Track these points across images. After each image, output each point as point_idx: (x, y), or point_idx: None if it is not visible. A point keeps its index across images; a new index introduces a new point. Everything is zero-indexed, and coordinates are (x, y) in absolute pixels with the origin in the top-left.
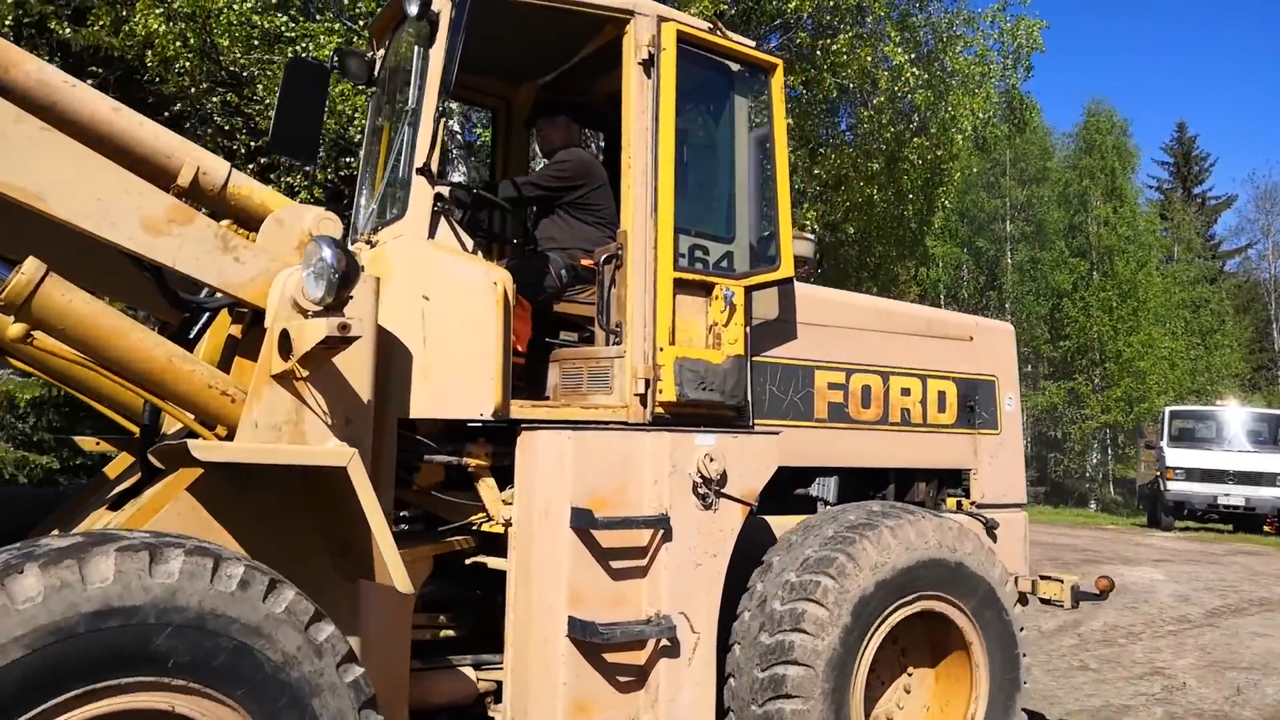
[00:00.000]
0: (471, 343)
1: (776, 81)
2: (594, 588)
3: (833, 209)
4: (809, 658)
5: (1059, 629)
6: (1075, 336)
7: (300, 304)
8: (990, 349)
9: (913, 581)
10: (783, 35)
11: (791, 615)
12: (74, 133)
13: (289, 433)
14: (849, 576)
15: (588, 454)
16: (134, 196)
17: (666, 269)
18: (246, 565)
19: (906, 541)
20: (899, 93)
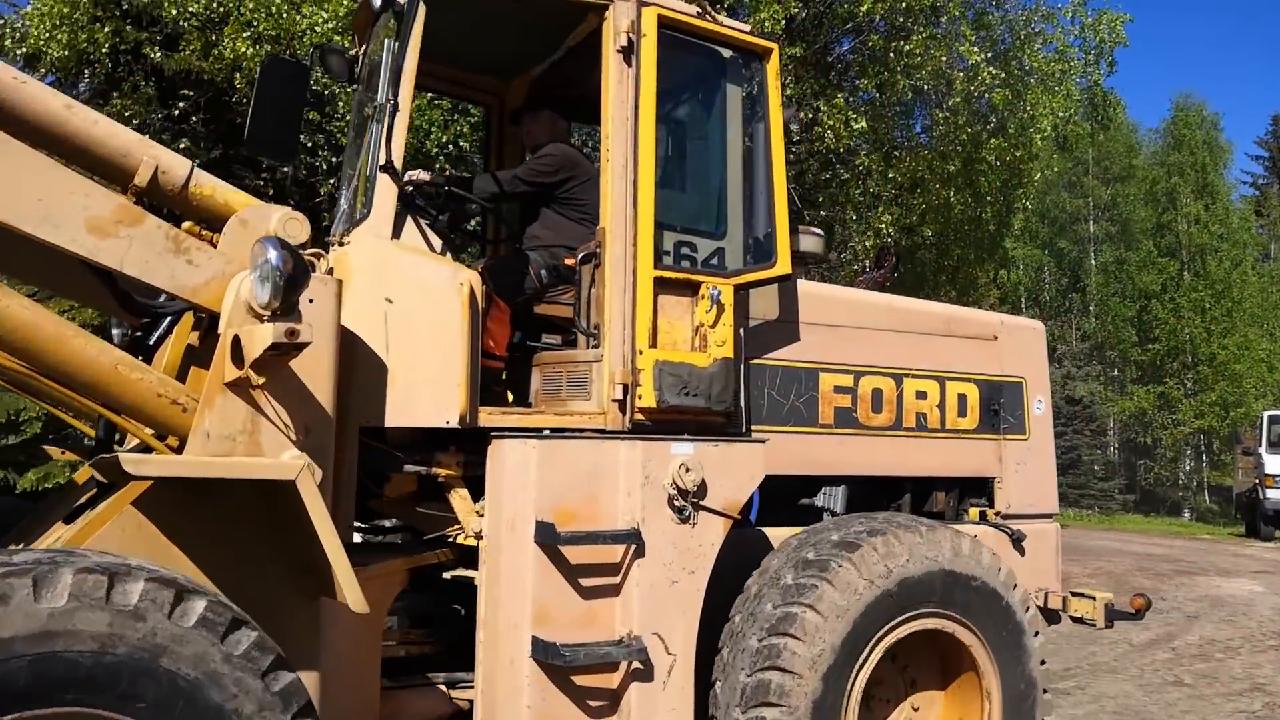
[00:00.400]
0: (436, 347)
1: (772, 67)
2: (561, 606)
3: (909, 212)
4: (789, 699)
5: (1151, 643)
6: (1165, 339)
7: (254, 308)
8: (1017, 349)
9: (907, 600)
10: (855, 39)
11: (769, 652)
12: (24, 131)
13: (244, 444)
14: (829, 605)
15: (554, 464)
16: (78, 197)
17: (646, 267)
18: (149, 579)
19: (896, 558)
20: (975, 93)
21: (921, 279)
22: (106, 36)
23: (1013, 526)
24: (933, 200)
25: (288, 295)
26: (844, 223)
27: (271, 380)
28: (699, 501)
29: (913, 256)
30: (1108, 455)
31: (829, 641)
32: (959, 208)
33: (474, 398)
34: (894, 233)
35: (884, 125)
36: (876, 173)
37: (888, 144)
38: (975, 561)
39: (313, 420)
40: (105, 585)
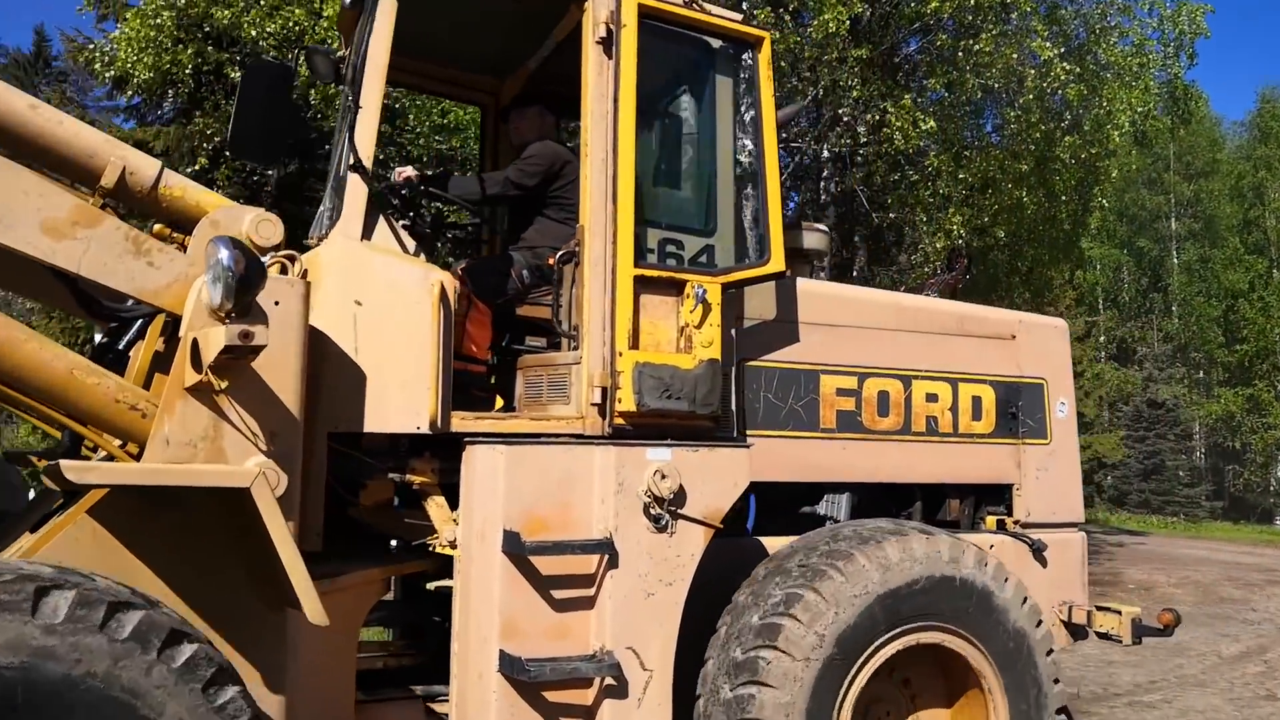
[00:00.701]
0: (407, 350)
1: (763, 57)
2: (531, 619)
3: (980, 213)
4: (774, 713)
5: (1241, 655)
6: (1254, 340)
7: (215, 311)
8: (1037, 348)
9: (899, 612)
10: (922, 39)
11: (751, 665)
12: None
13: (205, 450)
14: (814, 615)
15: (523, 470)
16: (33, 198)
17: (626, 265)
18: (82, 591)
19: (886, 568)
20: (1048, 89)
21: (994, 281)
22: (190, 58)
23: (1032, 536)
24: (1005, 200)
25: (240, 296)
26: (913, 224)
27: (235, 385)
28: (677, 510)
29: (985, 258)
30: (1193, 460)
31: (814, 653)
32: (1032, 208)
33: (446, 402)
34: (965, 234)
35: (953, 125)
36: (946, 173)
37: (957, 144)
38: (976, 572)
39: (279, 426)
40: (31, 598)
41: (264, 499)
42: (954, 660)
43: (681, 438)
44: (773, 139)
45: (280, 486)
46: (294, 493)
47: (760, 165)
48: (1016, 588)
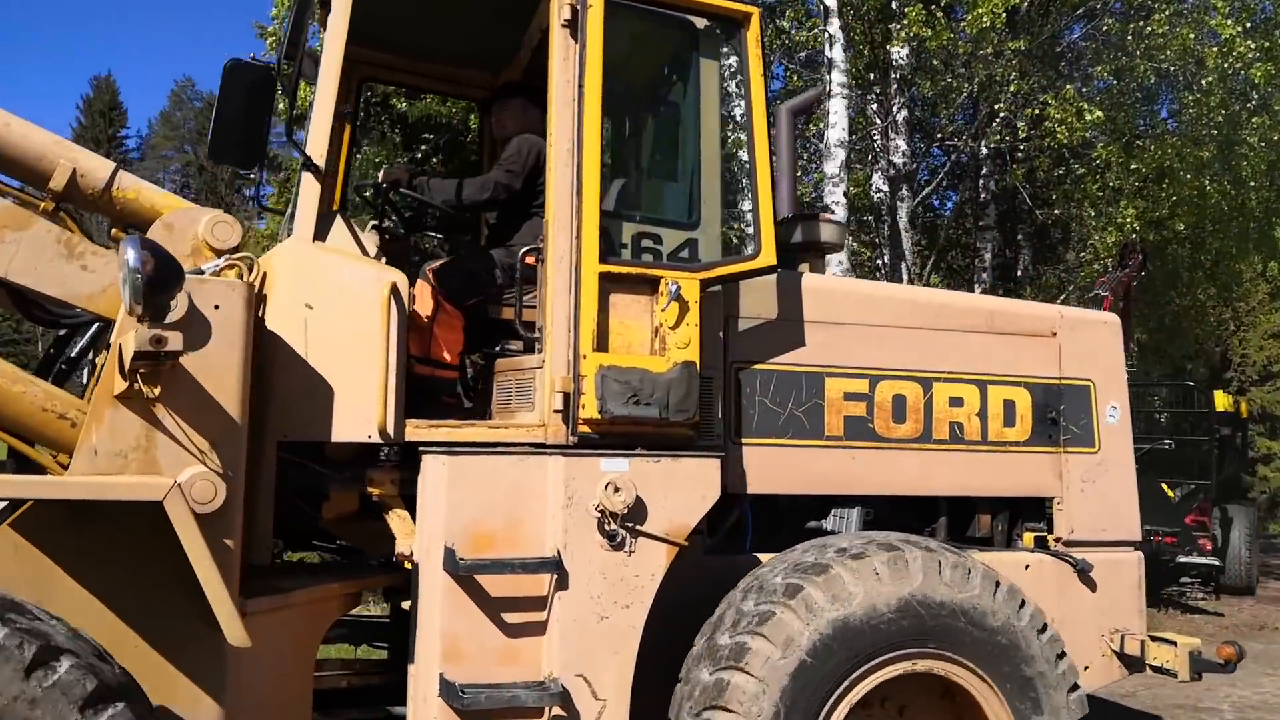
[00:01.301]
0: (358, 354)
1: (752, 35)
2: (477, 641)
3: (1156, 205)
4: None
5: None
6: None
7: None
8: (1082, 346)
9: (884, 636)
10: (1086, 25)
11: (717, 688)
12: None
13: (137, 461)
14: (785, 637)
15: (468, 483)
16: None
17: (591, 262)
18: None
19: (864, 586)
20: (1230, 70)
21: (1174, 276)
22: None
23: (1076, 556)
24: (1184, 190)
25: (150, 298)
26: (1080, 220)
27: (170, 392)
28: (635, 526)
29: (1162, 253)
30: None
31: (784, 676)
32: (1216, 196)
33: (396, 409)
34: (1139, 227)
35: (1123, 114)
36: (1117, 164)
37: (1128, 133)
38: (982, 596)
39: (219, 435)
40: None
41: (179, 514)
42: (959, 692)
43: (656, 447)
44: (763, 124)
45: (218, 499)
46: (234, 506)
47: (750, 152)
48: (1033, 615)
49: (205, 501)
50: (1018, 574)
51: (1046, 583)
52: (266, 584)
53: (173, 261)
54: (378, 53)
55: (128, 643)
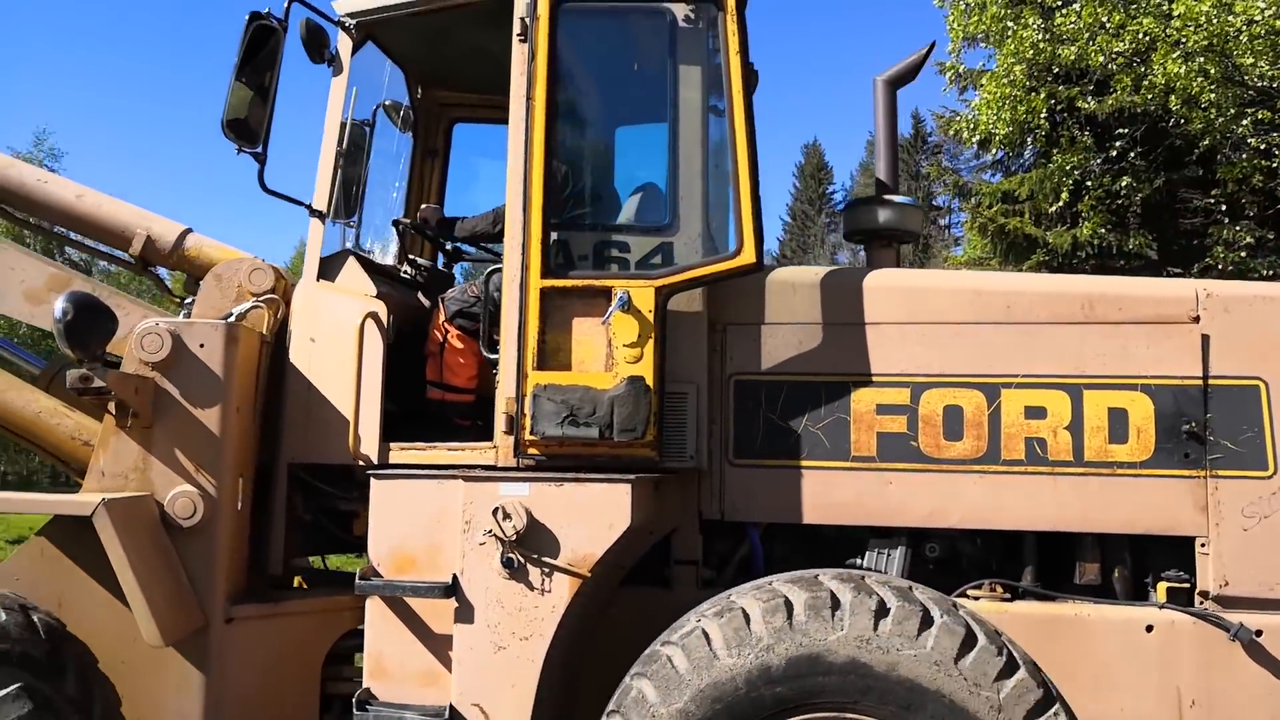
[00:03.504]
0: (345, 383)
1: (728, 15)
2: (397, 661)
3: None
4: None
5: None
6: None
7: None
8: (1245, 333)
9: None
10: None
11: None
12: (49, 216)
13: (135, 480)
14: (672, 680)
15: (392, 505)
16: (17, 272)
17: (534, 278)
18: None
19: (769, 634)
20: None
21: None
22: (1042, 102)
23: (1232, 619)
24: None
25: (71, 344)
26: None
27: (161, 421)
28: (533, 554)
29: None
30: None
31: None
32: None
33: (369, 434)
34: None
35: None
36: None
37: None
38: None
39: (203, 457)
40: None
41: (104, 528)
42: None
43: (610, 470)
44: (741, 110)
45: (197, 515)
46: (215, 521)
47: (730, 144)
48: (981, 662)
49: (186, 517)
50: (1134, 637)
51: (1182, 652)
52: (267, 593)
53: (95, 314)
54: (461, 93)
55: (128, 635)
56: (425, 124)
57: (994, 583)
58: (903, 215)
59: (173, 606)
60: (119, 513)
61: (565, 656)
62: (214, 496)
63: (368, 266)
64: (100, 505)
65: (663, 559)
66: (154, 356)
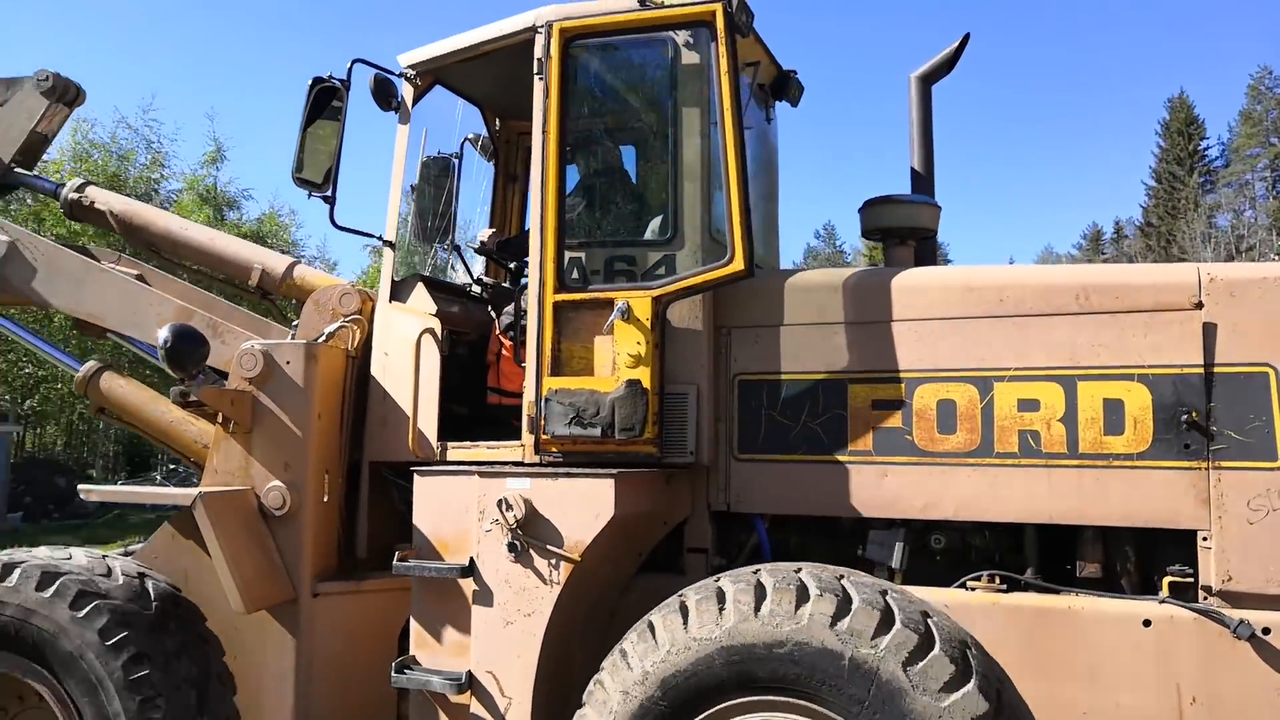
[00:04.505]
0: (408, 390)
1: (719, 34)
2: (435, 632)
3: None
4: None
5: None
6: None
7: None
8: (1252, 317)
9: (754, 674)
10: None
11: (589, 690)
12: (188, 255)
13: (239, 476)
14: (629, 674)
15: (429, 498)
16: (154, 306)
17: (548, 293)
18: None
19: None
20: None
21: None
22: None
23: (1232, 615)
24: None
25: (171, 365)
26: None
27: (259, 427)
28: (532, 540)
29: None
30: None
31: (634, 688)
32: None
33: (425, 434)
34: None
35: None
36: None
37: None
38: (802, 625)
39: (291, 457)
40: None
41: (200, 516)
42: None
43: (617, 465)
44: (732, 124)
45: (286, 506)
46: (303, 511)
47: (721, 156)
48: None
49: (277, 507)
50: (1131, 632)
51: (1181, 648)
52: (355, 574)
53: (192, 343)
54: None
55: None
56: (504, 152)
57: (993, 574)
58: (918, 213)
59: (262, 581)
60: (213, 503)
61: (568, 634)
62: (300, 490)
63: (438, 287)
64: (197, 497)
65: (679, 547)
66: (250, 373)
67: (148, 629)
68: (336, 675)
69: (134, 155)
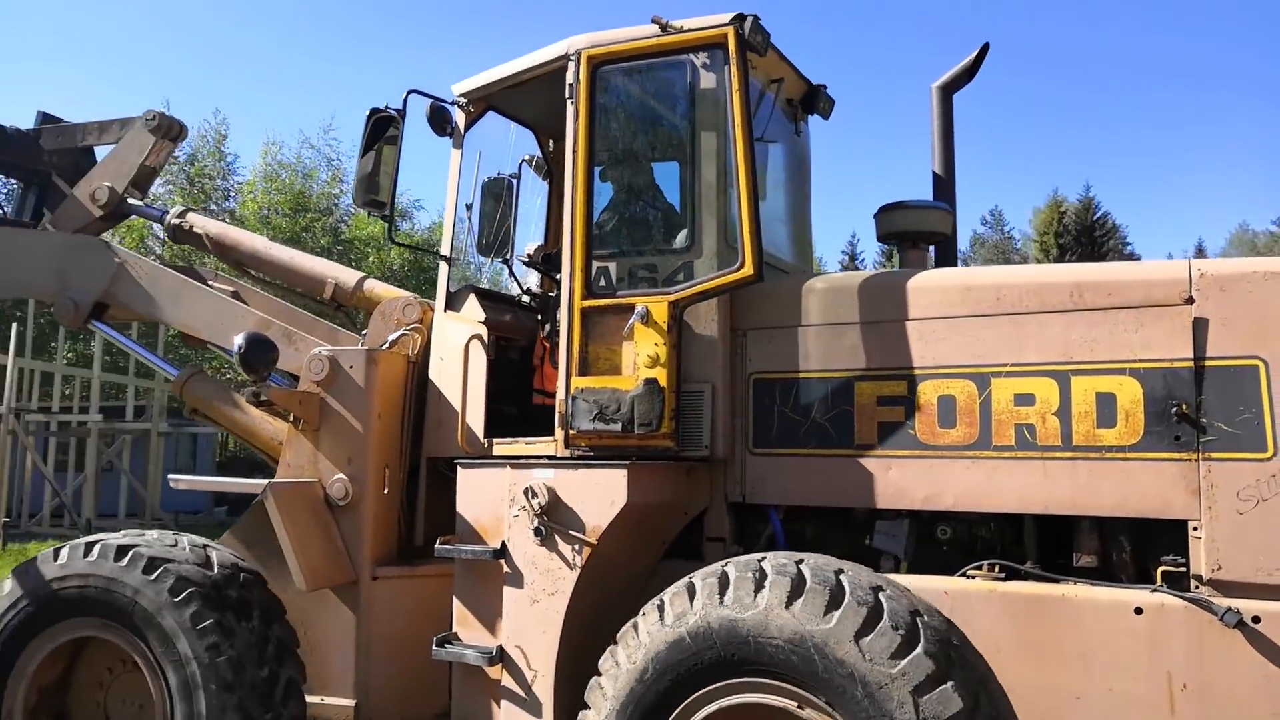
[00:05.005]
0: (456, 391)
1: (731, 52)
2: (475, 610)
3: None
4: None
5: None
6: None
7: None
8: (1244, 311)
9: (731, 659)
10: None
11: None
12: (274, 271)
13: (308, 470)
14: (633, 647)
15: (470, 488)
16: (239, 319)
17: (576, 300)
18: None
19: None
20: None
21: None
22: None
23: (1218, 602)
24: None
25: (244, 369)
26: None
27: (325, 425)
28: (555, 525)
29: None
30: None
31: (625, 687)
32: None
33: (473, 431)
34: None
35: None
36: None
37: None
38: (761, 610)
39: (354, 453)
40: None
41: (269, 504)
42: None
43: (635, 458)
44: (742, 140)
45: (349, 496)
46: (364, 501)
47: (732, 167)
48: (849, 618)
49: (340, 498)
50: (1122, 620)
51: (1172, 637)
52: (411, 560)
53: (263, 348)
54: None
55: None
56: (557, 171)
57: (994, 564)
58: (928, 217)
59: (325, 563)
60: (280, 493)
61: (590, 613)
62: (362, 482)
63: (490, 297)
64: (267, 487)
65: (702, 536)
66: (317, 376)
67: (211, 587)
68: (393, 651)
69: (316, 173)
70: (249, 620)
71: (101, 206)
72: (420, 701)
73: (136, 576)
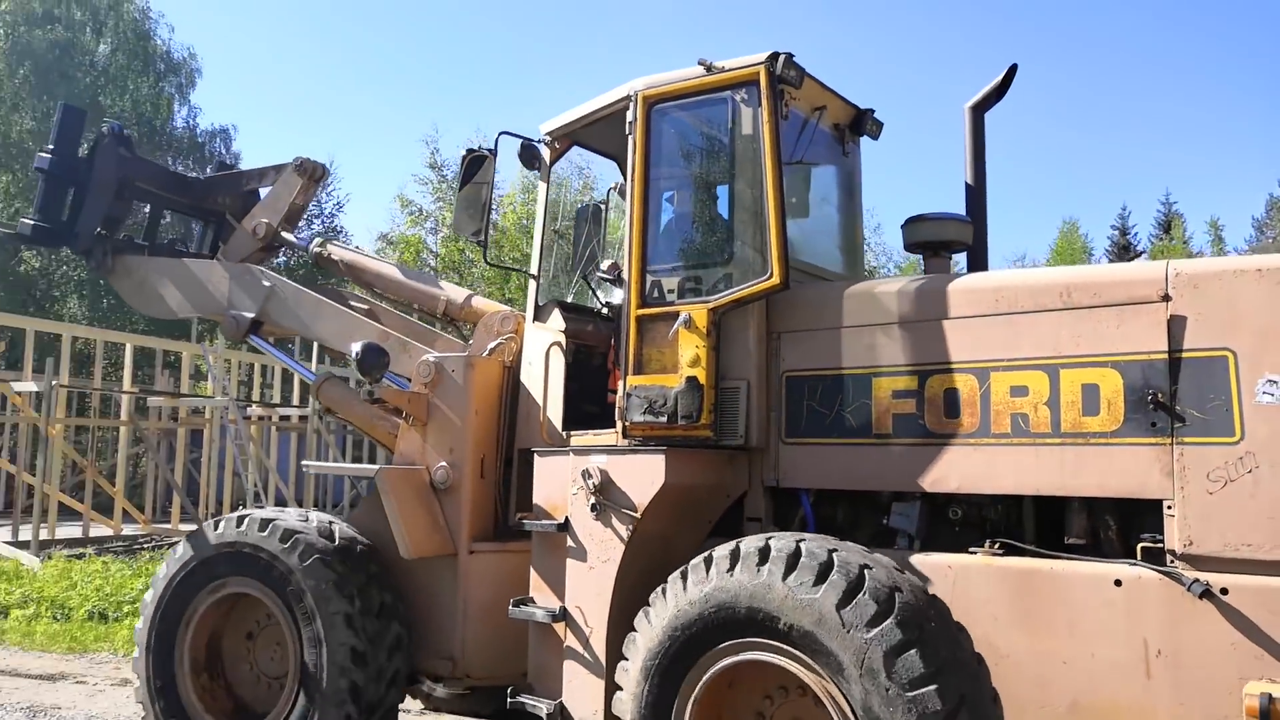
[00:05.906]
0: (539, 391)
1: (762, 88)
2: (547, 577)
3: None
4: (628, 684)
5: None
6: None
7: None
8: (1215, 308)
9: (731, 623)
10: None
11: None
12: (396, 291)
13: (418, 459)
14: (659, 611)
15: (545, 471)
16: (362, 330)
17: (632, 309)
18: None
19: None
20: None
21: None
22: None
23: (1187, 575)
24: None
25: (361, 371)
26: None
27: (432, 421)
28: (606, 503)
29: None
30: None
31: (653, 643)
32: None
33: (553, 426)
34: None
35: None
36: None
37: None
38: (764, 580)
39: (455, 445)
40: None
41: (381, 485)
42: None
43: (680, 446)
44: (771, 157)
45: (450, 481)
46: (462, 486)
47: (761, 188)
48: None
49: (442, 483)
50: (1103, 591)
51: (1148, 607)
52: (504, 537)
53: (376, 354)
54: None
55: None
56: None
57: (995, 541)
58: (946, 228)
59: (425, 536)
60: (388, 476)
61: (638, 579)
62: (461, 470)
63: (573, 309)
64: (379, 471)
65: (742, 516)
66: (424, 379)
67: (331, 554)
68: (486, 615)
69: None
70: (363, 583)
71: (261, 239)
72: (507, 658)
73: (274, 544)
